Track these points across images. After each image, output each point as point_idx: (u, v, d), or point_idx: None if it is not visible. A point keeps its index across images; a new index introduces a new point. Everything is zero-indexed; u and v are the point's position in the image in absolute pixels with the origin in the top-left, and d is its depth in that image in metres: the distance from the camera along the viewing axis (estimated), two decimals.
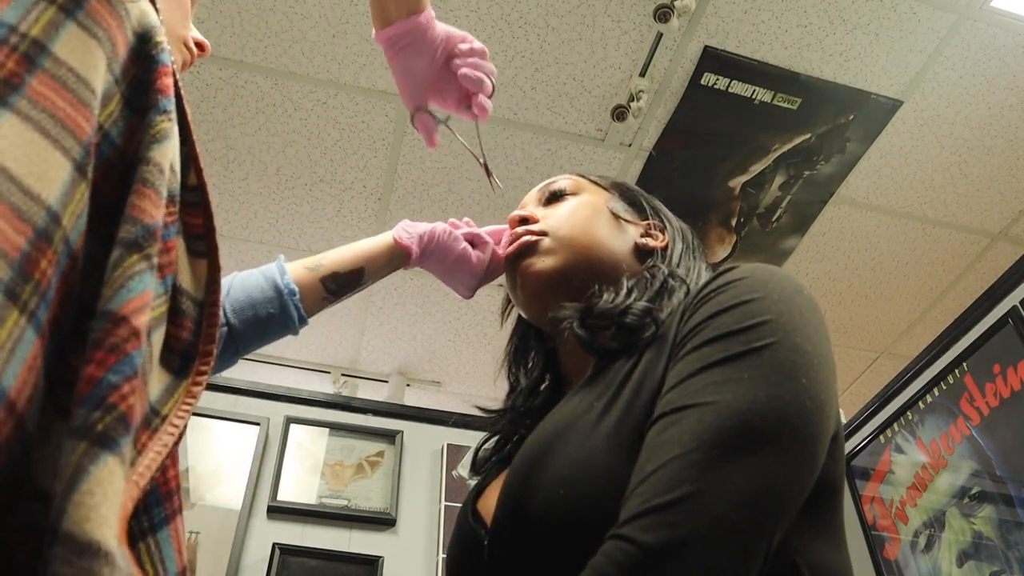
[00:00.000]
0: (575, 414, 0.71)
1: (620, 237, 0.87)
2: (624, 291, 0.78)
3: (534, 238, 0.86)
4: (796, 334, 0.62)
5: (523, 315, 0.93)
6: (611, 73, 2.36)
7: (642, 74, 2.33)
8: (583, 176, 0.96)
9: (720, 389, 0.60)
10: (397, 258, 1.01)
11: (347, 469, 2.50)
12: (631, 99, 2.37)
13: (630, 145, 2.56)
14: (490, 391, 1.03)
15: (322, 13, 2.20)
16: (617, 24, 2.25)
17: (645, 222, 0.91)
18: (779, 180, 2.68)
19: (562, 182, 0.94)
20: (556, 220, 0.88)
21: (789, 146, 2.57)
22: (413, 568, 2.36)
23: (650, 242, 0.88)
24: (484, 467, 0.90)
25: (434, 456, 2.62)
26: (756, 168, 2.64)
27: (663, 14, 2.15)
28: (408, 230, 1.01)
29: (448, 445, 2.61)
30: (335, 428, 2.58)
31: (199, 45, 0.87)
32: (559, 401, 0.79)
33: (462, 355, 3.25)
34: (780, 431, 0.58)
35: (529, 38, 2.27)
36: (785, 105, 2.44)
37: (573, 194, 0.92)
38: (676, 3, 2.12)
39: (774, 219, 2.81)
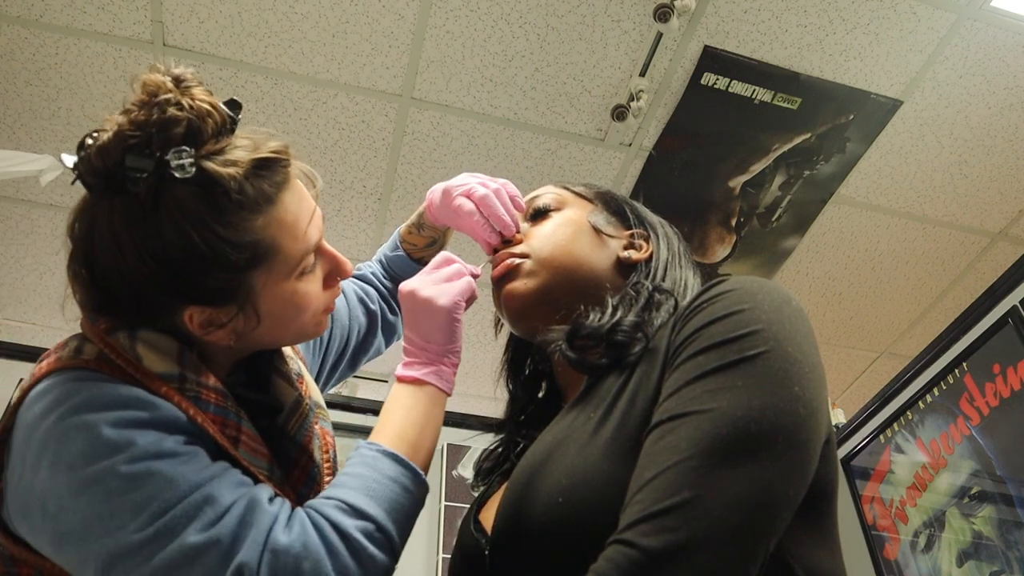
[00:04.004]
0: (571, 427, 0.72)
1: (602, 253, 0.88)
2: (609, 309, 0.79)
3: (517, 261, 0.88)
4: (787, 343, 0.64)
5: (513, 332, 0.95)
6: (611, 73, 2.36)
7: (642, 74, 2.33)
8: (567, 188, 0.96)
9: (715, 397, 0.61)
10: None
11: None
12: (631, 99, 2.37)
13: (630, 145, 2.56)
14: (490, 390, 1.03)
15: (322, 13, 2.20)
16: (617, 24, 2.25)
17: (628, 232, 0.92)
18: (779, 180, 2.68)
19: (546, 197, 0.94)
20: (538, 241, 0.89)
21: (789, 146, 2.57)
22: (413, 568, 2.36)
23: (633, 255, 0.89)
24: (488, 478, 0.91)
25: (434, 456, 2.62)
26: (756, 168, 2.64)
27: (663, 14, 2.15)
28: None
29: (448, 445, 2.61)
30: (335, 428, 2.57)
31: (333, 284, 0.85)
32: (558, 411, 0.80)
33: (462, 355, 3.24)
34: (775, 437, 0.59)
35: (529, 38, 2.27)
36: (785, 105, 2.44)
37: (557, 209, 0.93)
38: (676, 3, 2.12)
39: (774, 219, 2.81)
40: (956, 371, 2.00)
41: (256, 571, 0.65)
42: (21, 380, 2.13)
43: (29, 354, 2.20)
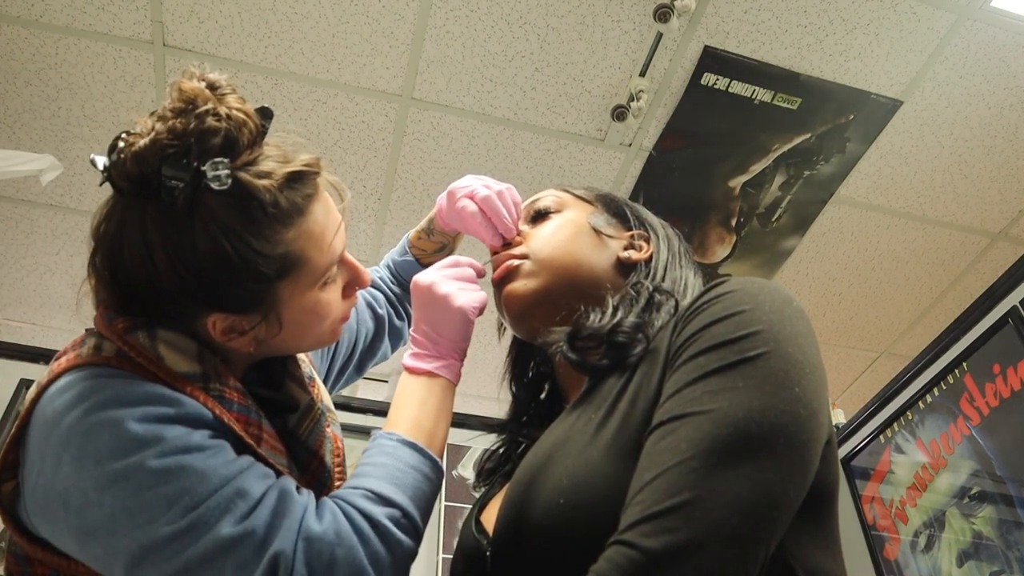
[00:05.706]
0: (572, 428, 0.72)
1: (602, 253, 0.88)
2: (610, 310, 0.79)
3: (516, 262, 0.88)
4: (788, 344, 0.64)
5: (515, 335, 0.95)
6: (611, 73, 2.36)
7: (642, 74, 2.33)
8: (567, 190, 0.97)
9: (716, 398, 0.61)
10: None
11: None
12: (631, 99, 2.37)
13: (630, 145, 2.56)
14: (491, 391, 1.04)
15: (322, 13, 2.20)
16: (617, 24, 2.25)
17: (629, 233, 0.92)
18: (779, 180, 2.68)
19: (546, 200, 0.95)
20: (538, 242, 0.89)
21: (789, 146, 2.57)
22: (413, 568, 2.35)
23: (633, 255, 0.89)
24: (489, 479, 0.91)
25: None
26: (756, 168, 2.64)
27: (663, 14, 2.15)
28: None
29: (448, 445, 2.60)
30: None
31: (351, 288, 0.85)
32: (560, 411, 0.80)
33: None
34: (775, 438, 0.59)
35: (529, 38, 2.27)
36: (785, 105, 2.44)
37: (557, 211, 0.93)
38: (676, 3, 2.12)
39: (774, 219, 2.81)
40: (956, 371, 2.00)
41: (292, 559, 0.66)
42: (22, 379, 2.13)
43: (29, 354, 2.20)
